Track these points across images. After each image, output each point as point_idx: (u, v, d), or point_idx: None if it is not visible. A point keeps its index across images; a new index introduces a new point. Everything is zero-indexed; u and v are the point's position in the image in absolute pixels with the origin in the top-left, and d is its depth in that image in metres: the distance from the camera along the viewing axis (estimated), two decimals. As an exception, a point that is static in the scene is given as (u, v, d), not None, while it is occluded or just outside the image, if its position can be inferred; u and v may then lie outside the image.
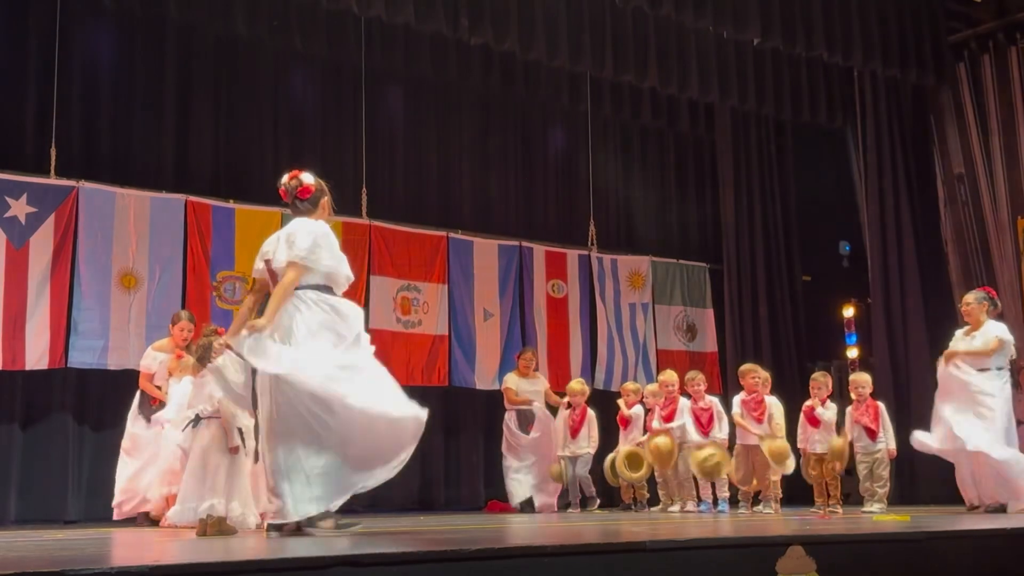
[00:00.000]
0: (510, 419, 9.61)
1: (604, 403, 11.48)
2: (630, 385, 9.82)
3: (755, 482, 8.55)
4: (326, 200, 5.45)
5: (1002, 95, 11.21)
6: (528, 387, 9.62)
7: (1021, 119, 11.05)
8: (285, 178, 5.42)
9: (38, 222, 8.51)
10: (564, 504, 9.59)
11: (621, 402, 9.62)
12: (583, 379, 10.10)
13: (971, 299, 7.85)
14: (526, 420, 9.55)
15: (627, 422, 9.48)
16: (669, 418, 8.95)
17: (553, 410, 9.78)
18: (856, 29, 10.21)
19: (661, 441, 8.76)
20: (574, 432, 9.44)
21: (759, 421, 8.47)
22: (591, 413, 9.58)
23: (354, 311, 5.25)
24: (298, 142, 10.19)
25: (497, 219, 11.36)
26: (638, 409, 9.48)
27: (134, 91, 9.48)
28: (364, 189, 10.11)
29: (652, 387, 9.55)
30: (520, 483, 9.49)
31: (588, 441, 9.50)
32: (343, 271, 5.30)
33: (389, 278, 10.13)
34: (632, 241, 12.15)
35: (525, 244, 11.15)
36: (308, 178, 5.40)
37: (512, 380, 9.68)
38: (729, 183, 11.98)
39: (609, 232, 11.91)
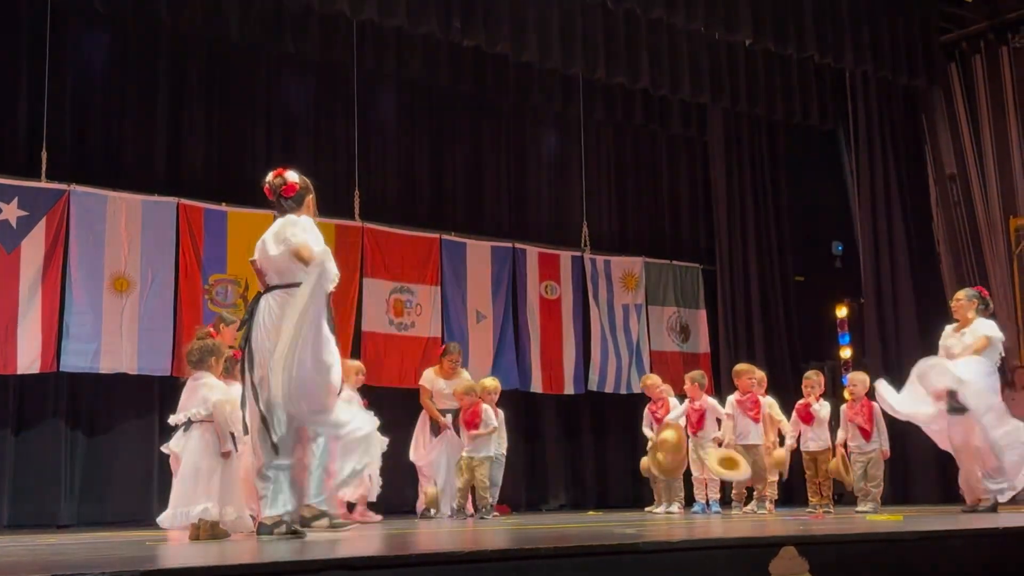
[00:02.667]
0: (425, 419, 9.08)
1: (597, 405, 11.52)
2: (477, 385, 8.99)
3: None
4: (311, 198, 5.48)
5: (993, 95, 11.24)
6: (446, 387, 9.06)
7: (1012, 119, 11.09)
8: (270, 176, 5.45)
9: (29, 226, 8.48)
10: (488, 507, 8.73)
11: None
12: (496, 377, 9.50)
13: (961, 296, 7.86)
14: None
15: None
16: (662, 420, 8.92)
17: None
18: (847, 30, 10.24)
19: (669, 434, 8.68)
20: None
21: (756, 420, 8.49)
22: (502, 412, 9.04)
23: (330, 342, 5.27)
24: (290, 144, 10.17)
25: (490, 221, 11.35)
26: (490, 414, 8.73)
27: (125, 94, 9.45)
28: (357, 191, 10.10)
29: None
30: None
31: (501, 442, 8.91)
32: (330, 268, 5.32)
33: (382, 280, 10.12)
34: (625, 242, 12.15)
35: (518, 246, 11.14)
36: (293, 176, 5.42)
37: (429, 379, 9.14)
38: (722, 184, 11.99)
39: (602, 233, 11.91)
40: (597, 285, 11.51)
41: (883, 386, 7.84)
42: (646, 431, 9.09)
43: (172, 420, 5.79)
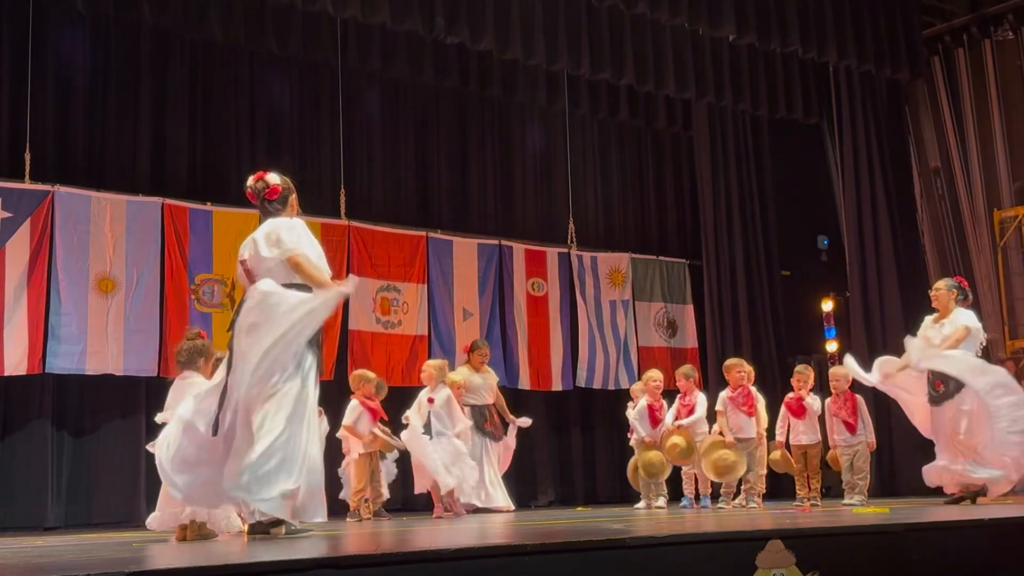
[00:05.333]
0: (468, 415, 8.97)
1: (585, 401, 11.54)
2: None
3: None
4: (294, 198, 5.47)
5: (977, 88, 11.29)
6: (480, 382, 9.17)
7: (996, 112, 11.14)
8: (251, 180, 5.42)
9: (13, 227, 8.44)
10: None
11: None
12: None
13: (941, 285, 7.86)
14: (482, 417, 9.10)
15: None
16: (658, 420, 8.84)
17: None
18: (830, 24, 10.26)
19: (654, 455, 8.69)
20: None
21: (749, 414, 8.49)
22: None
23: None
24: (275, 143, 10.15)
25: (476, 218, 11.35)
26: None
27: (108, 94, 9.41)
28: (342, 190, 10.08)
29: None
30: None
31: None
32: (323, 268, 5.34)
33: (368, 279, 10.10)
34: (611, 238, 12.17)
35: (504, 243, 11.15)
36: (274, 178, 5.40)
37: (464, 375, 9.14)
38: (707, 179, 12.01)
39: (588, 230, 11.92)
40: (584, 281, 11.52)
41: (849, 360, 8.06)
42: (634, 422, 8.97)
43: (159, 418, 5.76)
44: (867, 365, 10.62)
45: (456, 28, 9.04)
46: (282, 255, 5.19)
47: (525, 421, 9.32)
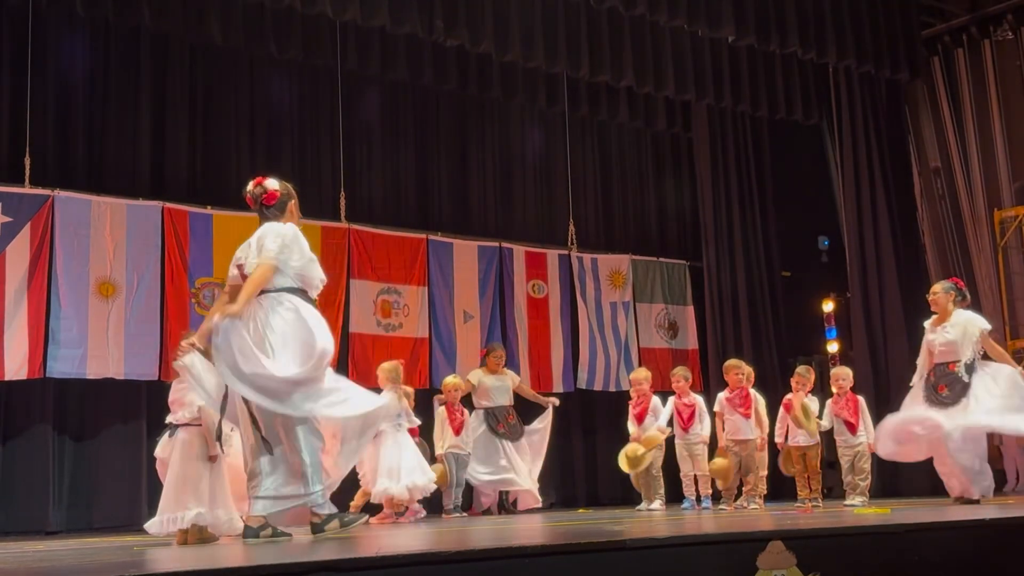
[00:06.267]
0: (481, 418, 9.35)
1: (586, 403, 11.53)
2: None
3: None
4: (293, 204, 5.48)
5: (976, 88, 11.29)
6: (495, 383, 9.42)
7: (995, 112, 11.14)
8: (250, 185, 5.45)
9: (14, 232, 8.44)
10: (451, 507, 9.01)
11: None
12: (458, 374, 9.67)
13: (938, 289, 7.80)
14: (495, 420, 9.34)
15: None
16: (641, 416, 8.96)
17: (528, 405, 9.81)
18: (830, 25, 10.26)
19: (630, 448, 8.80)
20: (457, 429, 9.05)
21: (746, 416, 8.51)
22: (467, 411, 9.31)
23: (321, 325, 5.27)
24: (275, 147, 10.16)
25: (476, 220, 11.35)
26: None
27: (108, 98, 9.41)
28: (342, 192, 10.08)
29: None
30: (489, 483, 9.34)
31: (471, 440, 9.22)
32: (315, 273, 5.35)
33: (369, 281, 10.11)
34: (612, 240, 12.17)
35: (505, 245, 11.14)
36: (273, 184, 5.42)
37: (477, 377, 9.43)
38: (707, 180, 12.00)
39: (589, 231, 11.92)
40: (584, 283, 11.51)
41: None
42: (630, 427, 9.12)
43: (171, 418, 5.78)
44: (866, 365, 10.69)
45: (455, 30, 9.05)
46: (258, 260, 5.23)
47: (554, 401, 9.80)
